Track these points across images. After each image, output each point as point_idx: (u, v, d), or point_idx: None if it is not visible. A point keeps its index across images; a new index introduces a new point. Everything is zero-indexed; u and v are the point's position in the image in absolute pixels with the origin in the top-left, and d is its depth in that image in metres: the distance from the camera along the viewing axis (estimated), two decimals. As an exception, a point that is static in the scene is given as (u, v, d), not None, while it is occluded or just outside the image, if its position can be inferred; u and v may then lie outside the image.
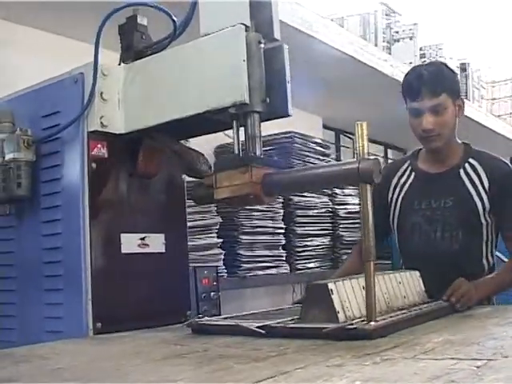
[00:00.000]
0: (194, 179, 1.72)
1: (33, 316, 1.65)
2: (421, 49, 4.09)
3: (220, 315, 1.87)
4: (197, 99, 1.47)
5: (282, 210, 2.97)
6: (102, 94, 1.57)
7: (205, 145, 3.20)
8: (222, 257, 2.63)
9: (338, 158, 4.16)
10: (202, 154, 1.65)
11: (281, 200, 2.97)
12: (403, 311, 1.41)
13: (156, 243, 1.69)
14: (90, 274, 1.54)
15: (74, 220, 1.56)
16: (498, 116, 5.42)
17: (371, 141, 4.63)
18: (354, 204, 3.44)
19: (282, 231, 2.96)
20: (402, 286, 1.53)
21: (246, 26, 1.43)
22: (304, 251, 3.09)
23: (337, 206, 3.35)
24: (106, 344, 1.36)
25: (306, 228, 3.11)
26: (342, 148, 4.52)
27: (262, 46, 1.48)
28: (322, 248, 3.22)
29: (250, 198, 1.42)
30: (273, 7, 1.51)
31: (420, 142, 1.95)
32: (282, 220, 2.97)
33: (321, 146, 3.24)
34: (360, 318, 1.29)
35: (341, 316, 1.27)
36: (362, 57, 3.01)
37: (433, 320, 1.44)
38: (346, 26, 3.68)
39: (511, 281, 1.91)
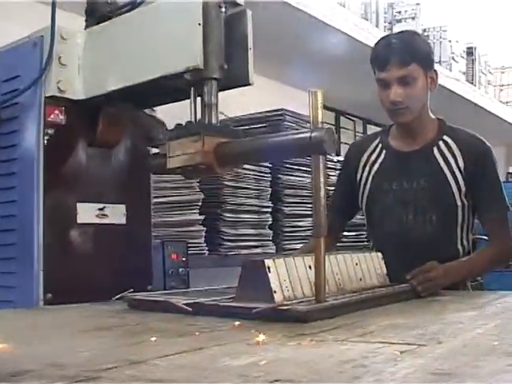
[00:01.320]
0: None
1: (-13, 285, 1.62)
2: (424, 30, 4.00)
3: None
4: (153, 64, 1.42)
5: (269, 189, 2.91)
6: (60, 58, 1.53)
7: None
8: (204, 234, 2.57)
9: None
10: (163, 123, 1.60)
11: (269, 178, 2.91)
12: (354, 294, 1.33)
13: (116, 214, 1.65)
14: (42, 244, 1.50)
15: (28, 188, 1.52)
16: (506, 103, 5.29)
17: (374, 123, 4.58)
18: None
19: (269, 210, 2.90)
20: (359, 268, 1.45)
21: (203, -10, 1.37)
22: (292, 232, 3.03)
23: (329, 188, 3.28)
24: (42, 315, 1.32)
25: (295, 208, 3.04)
26: (341, 129, 4.44)
27: (223, 10, 1.42)
28: (311, 229, 3.15)
29: (203, 167, 1.37)
30: (237, -29, 1.45)
31: (388, 116, 1.85)
32: (270, 199, 2.91)
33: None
34: (302, 299, 1.22)
35: (278, 296, 1.19)
36: (362, 36, 2.93)
37: (387, 304, 1.35)
38: (347, 4, 3.60)
39: (483, 267, 1.84)
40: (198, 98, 1.42)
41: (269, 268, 1.20)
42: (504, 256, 1.89)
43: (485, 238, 1.91)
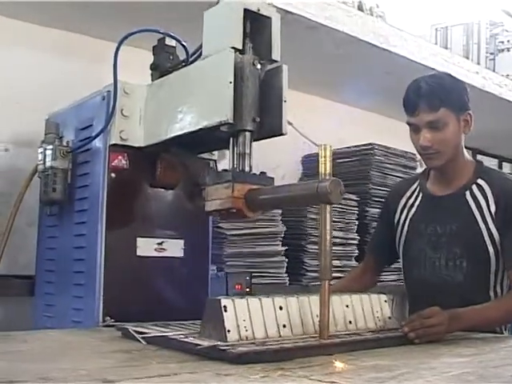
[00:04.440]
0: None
1: (64, 306, 1.84)
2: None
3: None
4: (193, 118, 1.58)
5: (356, 221, 2.99)
6: (122, 110, 1.74)
7: (293, 154, 3.34)
8: (285, 264, 2.70)
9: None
10: (211, 168, 1.76)
11: (356, 211, 2.99)
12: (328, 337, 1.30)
13: (174, 248, 1.83)
14: (103, 273, 1.70)
15: (94, 223, 1.74)
16: None
17: (482, 153, 4.50)
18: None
19: (356, 242, 2.98)
20: (350, 310, 1.44)
21: (239, 50, 1.52)
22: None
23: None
24: (83, 335, 1.52)
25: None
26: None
27: (259, 67, 1.57)
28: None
29: (234, 211, 1.51)
30: (273, 31, 1.59)
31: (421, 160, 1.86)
32: (356, 232, 2.99)
33: (404, 158, 3.21)
34: (264, 339, 1.25)
35: (231, 335, 1.22)
36: (448, 69, 2.94)
37: (364, 349, 1.32)
38: (449, 35, 3.62)
39: (499, 316, 1.72)
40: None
41: (225, 307, 1.24)
42: None
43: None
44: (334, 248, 2.90)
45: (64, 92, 2.35)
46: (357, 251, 2.98)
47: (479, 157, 4.56)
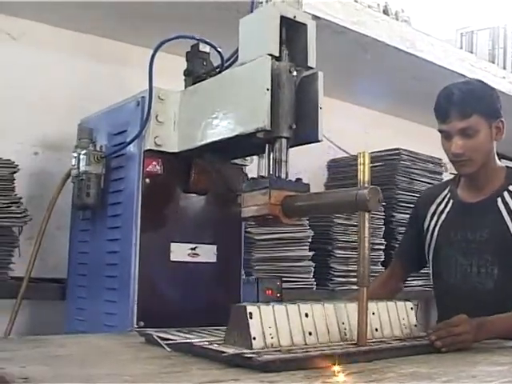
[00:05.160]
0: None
1: (96, 310, 1.86)
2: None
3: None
4: (232, 123, 1.59)
5: (383, 226, 2.99)
6: (157, 116, 1.74)
7: (318, 159, 3.34)
8: (312, 269, 2.71)
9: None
10: (245, 174, 1.77)
11: (382, 216, 2.99)
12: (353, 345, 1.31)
13: (207, 253, 1.84)
14: (138, 278, 1.71)
15: (128, 228, 1.75)
16: None
17: (506, 158, 4.47)
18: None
19: (382, 247, 2.98)
20: (376, 317, 1.43)
21: (275, 57, 1.53)
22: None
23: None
24: (113, 339, 1.55)
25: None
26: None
27: (295, 73, 1.57)
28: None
29: (270, 218, 1.52)
30: (308, 38, 1.59)
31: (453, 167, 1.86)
32: (383, 237, 2.99)
33: (430, 163, 3.20)
34: (289, 347, 1.24)
35: (257, 343, 1.21)
36: (474, 74, 2.94)
37: (391, 358, 1.31)
38: (475, 40, 3.60)
39: None
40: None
41: (251, 314, 1.23)
42: None
43: None
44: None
45: (93, 96, 2.38)
46: (383, 256, 2.97)
47: (504, 161, 4.55)
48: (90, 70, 2.49)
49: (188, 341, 1.34)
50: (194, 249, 1.81)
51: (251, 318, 1.23)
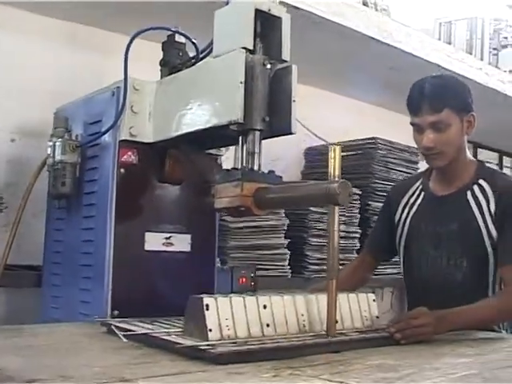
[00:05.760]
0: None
1: (71, 298, 1.87)
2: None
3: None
4: (204, 116, 1.60)
5: (358, 215, 3.02)
6: (132, 107, 1.75)
7: (295, 146, 3.35)
8: (288, 257, 2.73)
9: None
10: (220, 165, 1.78)
11: (358, 205, 3.02)
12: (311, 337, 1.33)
13: (181, 243, 1.85)
14: (112, 267, 1.72)
15: (103, 218, 1.75)
16: None
17: (483, 147, 4.53)
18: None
19: (358, 236, 3.01)
20: (337, 309, 1.40)
21: (249, 50, 1.54)
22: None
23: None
24: (85, 328, 1.56)
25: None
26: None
27: (268, 66, 1.58)
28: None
29: (242, 210, 1.53)
30: (283, 31, 1.60)
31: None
32: (358, 225, 3.02)
33: (407, 153, 3.23)
34: (246, 339, 1.25)
35: (213, 334, 1.22)
36: (451, 65, 2.96)
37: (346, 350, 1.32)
38: (453, 30, 3.63)
39: (490, 315, 1.70)
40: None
41: (207, 306, 1.24)
42: None
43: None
44: (336, 241, 2.95)
45: (71, 84, 2.37)
46: (358, 244, 3.01)
47: (480, 151, 4.60)
48: (68, 57, 2.47)
49: (146, 331, 1.35)
50: (168, 238, 1.83)
51: (208, 309, 1.24)
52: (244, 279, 2.16)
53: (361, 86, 3.29)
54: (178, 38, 1.85)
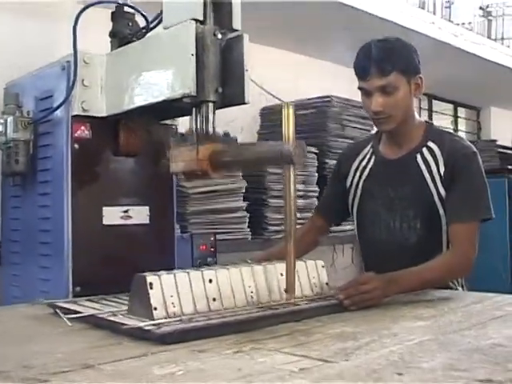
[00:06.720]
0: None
1: (30, 276, 1.86)
2: (487, 6, 3.91)
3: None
4: (156, 89, 1.58)
5: (316, 174, 3.04)
6: (83, 81, 1.72)
7: (251, 106, 3.33)
8: (247, 219, 2.75)
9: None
10: (175, 132, 1.78)
11: (315, 163, 3.04)
12: (253, 310, 1.33)
13: (140, 215, 1.85)
14: (72, 244, 1.72)
15: (59, 194, 1.74)
16: None
17: (438, 98, 4.59)
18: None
19: (316, 194, 3.04)
20: (284, 279, 1.38)
21: (199, 21, 1.51)
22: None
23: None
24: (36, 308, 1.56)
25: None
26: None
27: (219, 37, 1.56)
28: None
29: (199, 173, 1.53)
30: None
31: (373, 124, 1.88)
32: (317, 183, 3.04)
33: (362, 109, 3.24)
34: (192, 315, 1.24)
35: (158, 313, 1.21)
36: (404, 20, 2.97)
37: (300, 320, 1.33)
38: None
39: (439, 275, 1.72)
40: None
41: (151, 284, 1.22)
42: (462, 267, 1.78)
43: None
44: (294, 201, 2.97)
45: (22, 54, 2.31)
46: (317, 203, 3.03)
47: (435, 102, 4.66)
48: (16, 25, 2.40)
49: (90, 313, 1.33)
50: (126, 211, 1.82)
51: (151, 288, 1.21)
52: (204, 246, 2.17)
53: (313, 41, 3.27)
54: (128, 8, 1.81)
